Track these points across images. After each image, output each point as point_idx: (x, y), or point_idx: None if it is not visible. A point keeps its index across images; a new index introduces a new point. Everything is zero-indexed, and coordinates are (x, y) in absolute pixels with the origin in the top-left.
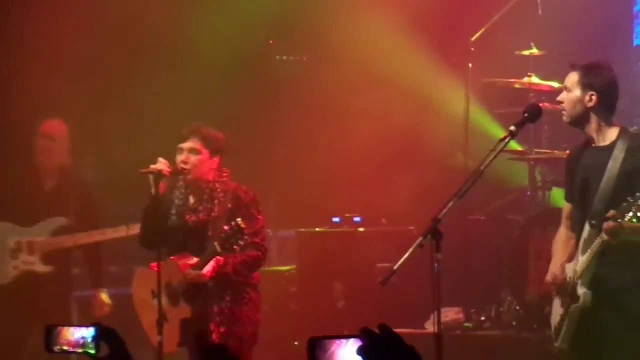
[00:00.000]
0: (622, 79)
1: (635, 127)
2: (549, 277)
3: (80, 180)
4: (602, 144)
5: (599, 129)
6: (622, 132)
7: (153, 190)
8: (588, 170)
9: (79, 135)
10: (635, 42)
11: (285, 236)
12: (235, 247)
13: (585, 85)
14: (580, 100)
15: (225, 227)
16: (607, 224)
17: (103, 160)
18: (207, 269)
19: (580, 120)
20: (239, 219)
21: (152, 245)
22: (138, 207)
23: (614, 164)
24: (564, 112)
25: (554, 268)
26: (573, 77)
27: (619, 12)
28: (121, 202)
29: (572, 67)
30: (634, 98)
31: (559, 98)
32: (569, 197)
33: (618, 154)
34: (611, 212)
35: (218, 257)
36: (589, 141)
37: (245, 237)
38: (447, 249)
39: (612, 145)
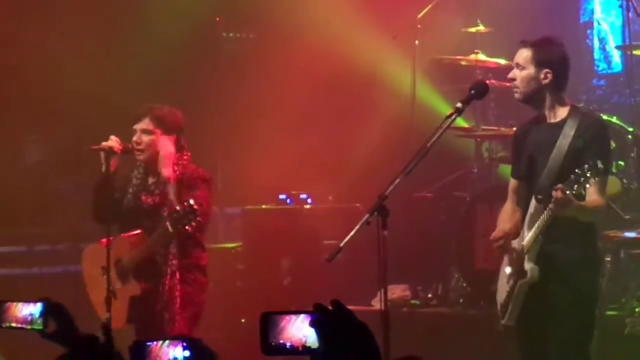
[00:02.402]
0: (569, 56)
1: (582, 105)
2: (495, 233)
3: None
4: (552, 120)
5: (552, 107)
6: (573, 110)
7: (104, 168)
8: (537, 146)
9: (25, 112)
10: (582, 18)
11: (232, 213)
12: (187, 227)
13: (540, 63)
14: (535, 78)
15: (178, 207)
16: (555, 193)
17: (49, 138)
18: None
19: (533, 97)
20: (191, 200)
21: (103, 221)
22: (82, 184)
23: (564, 140)
24: (516, 90)
25: (499, 229)
26: (526, 54)
27: None
28: (68, 179)
29: (524, 44)
30: (580, 75)
31: (510, 75)
32: (515, 174)
33: (568, 131)
34: (559, 186)
35: None
36: (538, 118)
37: (198, 218)
38: (393, 226)
39: (563, 122)
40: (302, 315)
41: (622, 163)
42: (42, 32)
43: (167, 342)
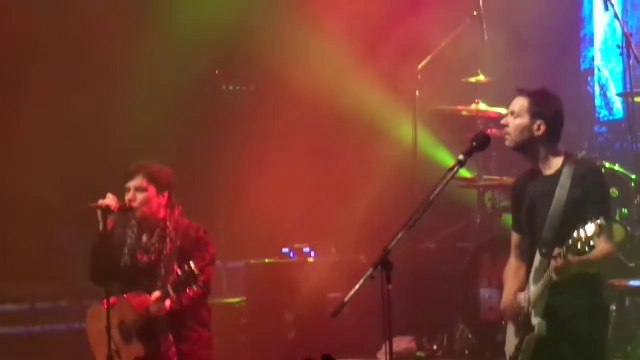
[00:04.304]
0: (570, 103)
1: (583, 152)
2: (503, 305)
3: None
4: (548, 172)
5: (545, 158)
6: (568, 159)
7: (101, 226)
8: (535, 199)
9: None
10: (583, 66)
11: (235, 268)
12: (188, 291)
13: (535, 114)
14: (528, 128)
15: (178, 271)
16: (554, 263)
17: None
18: (166, 303)
19: (525, 147)
20: (191, 263)
21: (102, 282)
22: (85, 241)
23: (562, 192)
24: (508, 137)
25: (506, 296)
26: (522, 103)
27: (566, 37)
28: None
29: (521, 93)
30: (582, 121)
31: (503, 122)
32: (517, 228)
33: (565, 182)
34: (557, 251)
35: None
36: (535, 170)
37: (200, 282)
38: (397, 277)
39: (559, 173)
40: None
41: (625, 211)
42: (41, 86)
43: None
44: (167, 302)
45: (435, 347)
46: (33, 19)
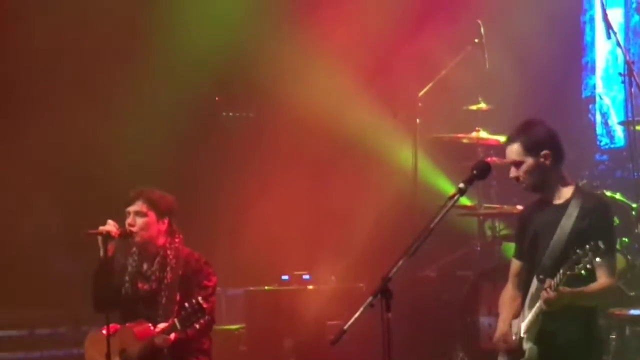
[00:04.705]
0: (571, 131)
1: (584, 180)
2: (497, 335)
3: None
4: (557, 202)
5: (555, 187)
6: (577, 191)
7: (102, 252)
8: (541, 227)
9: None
10: (584, 93)
11: (235, 294)
12: (195, 325)
13: (533, 150)
14: (537, 166)
15: (186, 305)
16: (545, 294)
17: (45, 219)
18: (171, 335)
19: (541, 183)
20: (200, 298)
21: (103, 309)
22: (83, 266)
23: (567, 221)
24: (523, 185)
25: (501, 325)
26: (516, 149)
27: (567, 65)
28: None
29: (510, 140)
30: (583, 149)
31: (512, 175)
32: (518, 255)
33: (572, 212)
34: (548, 282)
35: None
36: (543, 199)
37: (207, 316)
38: (397, 305)
39: (567, 203)
40: None
41: (626, 239)
42: (39, 111)
43: None
44: (172, 335)
45: None
46: (32, 45)
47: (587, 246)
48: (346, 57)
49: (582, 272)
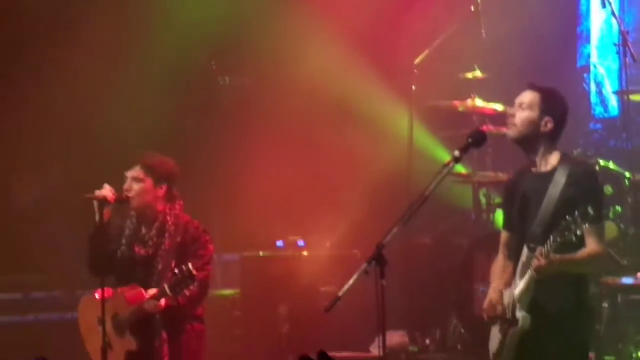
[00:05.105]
0: (566, 99)
1: (579, 150)
2: (486, 305)
3: None
4: (543, 169)
5: (543, 154)
6: (564, 158)
7: (97, 217)
8: (528, 195)
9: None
10: (579, 63)
11: (229, 260)
12: (185, 291)
13: (545, 110)
14: (536, 122)
15: (176, 271)
16: (535, 262)
17: (42, 184)
18: (161, 301)
19: (527, 140)
20: (190, 265)
21: (99, 272)
22: (78, 231)
23: (555, 189)
24: (512, 127)
25: (491, 293)
26: (533, 97)
27: (562, 34)
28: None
29: (532, 87)
30: (577, 119)
31: (510, 111)
32: (507, 226)
33: (559, 179)
34: (538, 250)
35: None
36: (528, 167)
37: (197, 283)
38: (391, 272)
39: (553, 170)
40: None
41: (619, 208)
42: (36, 74)
43: None
44: (162, 301)
45: (427, 342)
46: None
47: (576, 212)
48: (343, 24)
49: (572, 238)
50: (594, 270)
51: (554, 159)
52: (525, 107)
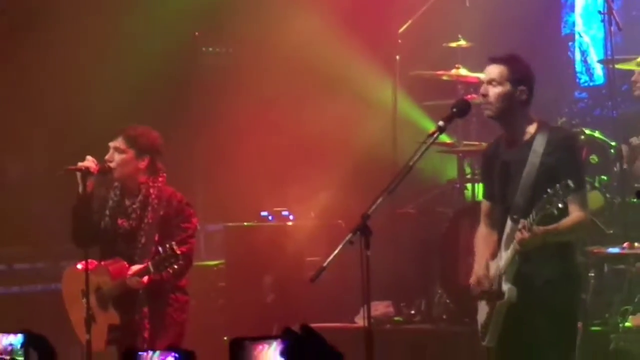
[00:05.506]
0: (551, 69)
1: (564, 119)
2: (473, 279)
3: None
4: (521, 138)
5: (521, 125)
6: (541, 126)
7: (80, 189)
8: (507, 166)
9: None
10: (564, 31)
11: (214, 230)
12: (169, 269)
13: (516, 80)
14: (511, 95)
15: (160, 249)
16: (519, 235)
17: (27, 157)
18: (144, 278)
19: (505, 115)
20: (173, 244)
21: (82, 244)
22: (61, 204)
23: (534, 158)
24: (488, 106)
25: (477, 268)
26: (501, 71)
27: (546, 2)
28: (47, 197)
29: (496, 60)
30: (563, 87)
31: (482, 91)
32: (488, 196)
33: (538, 148)
34: (522, 223)
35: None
36: (505, 137)
37: (180, 262)
38: (376, 242)
39: (532, 139)
40: (274, 344)
41: (605, 177)
42: (18, 50)
43: (157, 353)
44: (145, 278)
45: (413, 312)
46: None
47: (558, 185)
48: None
49: (554, 211)
50: (579, 237)
51: (531, 127)
52: (496, 83)
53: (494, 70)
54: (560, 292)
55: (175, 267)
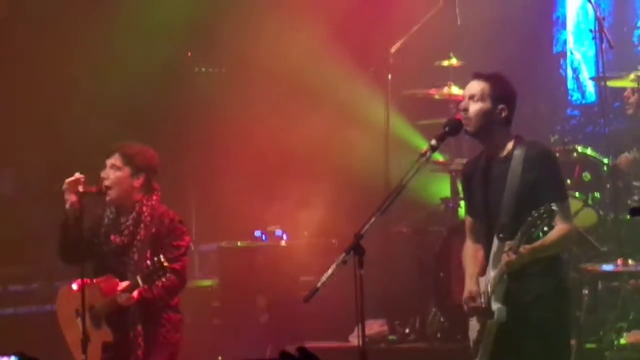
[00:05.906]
0: (542, 86)
1: (556, 136)
2: (465, 294)
3: None
4: (499, 155)
5: (500, 141)
6: (518, 142)
7: (68, 204)
8: (488, 182)
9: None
10: (555, 49)
11: (207, 250)
12: (157, 282)
13: (497, 98)
14: (491, 112)
15: (148, 263)
16: (505, 257)
17: (23, 172)
18: (134, 293)
19: (484, 132)
20: (161, 256)
21: (70, 260)
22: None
23: (514, 175)
24: (468, 122)
25: (469, 285)
26: (483, 88)
27: (538, 20)
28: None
29: (478, 77)
30: (555, 104)
31: (463, 105)
32: (470, 211)
33: (516, 166)
34: (508, 245)
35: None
36: (485, 154)
37: (168, 274)
38: (370, 261)
39: (510, 155)
40: None
41: (597, 195)
42: (11, 65)
43: None
44: (135, 293)
45: (407, 331)
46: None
47: (542, 209)
48: (319, 12)
49: (540, 234)
50: (566, 248)
51: (509, 145)
52: (477, 99)
53: (475, 87)
54: (551, 308)
55: (164, 280)
